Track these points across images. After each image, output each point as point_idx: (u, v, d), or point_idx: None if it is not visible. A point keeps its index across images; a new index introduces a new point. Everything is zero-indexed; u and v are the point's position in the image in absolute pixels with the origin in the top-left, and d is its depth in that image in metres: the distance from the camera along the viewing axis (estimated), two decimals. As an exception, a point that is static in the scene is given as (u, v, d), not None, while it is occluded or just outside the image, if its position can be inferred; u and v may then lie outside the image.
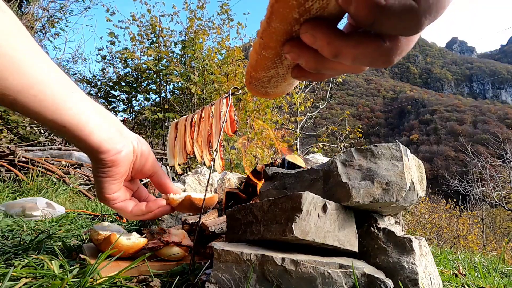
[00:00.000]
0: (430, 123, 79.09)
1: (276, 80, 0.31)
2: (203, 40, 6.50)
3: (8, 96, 0.38)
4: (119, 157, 0.49)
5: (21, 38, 0.39)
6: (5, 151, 3.53)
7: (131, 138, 0.53)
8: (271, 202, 0.68)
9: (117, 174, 0.51)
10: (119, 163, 0.50)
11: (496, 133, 16.12)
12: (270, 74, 0.30)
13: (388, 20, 0.20)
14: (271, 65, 0.28)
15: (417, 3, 0.20)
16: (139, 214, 0.58)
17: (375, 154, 0.75)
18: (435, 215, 9.37)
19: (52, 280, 0.58)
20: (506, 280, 1.07)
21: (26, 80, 0.38)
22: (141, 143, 0.55)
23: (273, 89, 0.32)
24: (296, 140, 7.75)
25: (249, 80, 0.32)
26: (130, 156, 0.53)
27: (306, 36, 0.24)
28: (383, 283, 0.57)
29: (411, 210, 8.84)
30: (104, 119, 0.49)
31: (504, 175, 12.40)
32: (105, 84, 6.95)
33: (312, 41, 0.24)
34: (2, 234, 1.08)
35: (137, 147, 0.54)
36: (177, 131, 1.17)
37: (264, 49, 0.27)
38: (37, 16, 6.16)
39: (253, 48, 0.28)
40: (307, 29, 0.23)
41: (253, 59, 0.29)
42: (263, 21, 0.24)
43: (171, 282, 0.65)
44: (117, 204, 0.55)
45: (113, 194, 0.53)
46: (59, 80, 0.43)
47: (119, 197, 0.55)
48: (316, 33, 0.23)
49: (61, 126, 0.43)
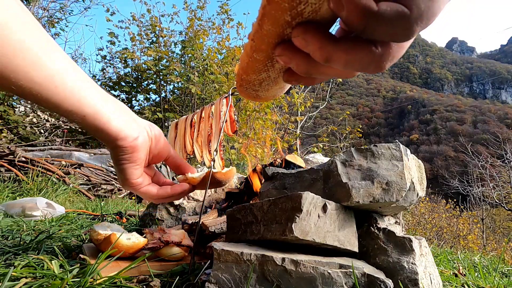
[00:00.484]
0: (430, 123, 79.10)
1: (267, 84, 0.30)
2: (203, 40, 6.51)
3: (31, 89, 0.39)
4: (137, 142, 0.51)
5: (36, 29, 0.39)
6: (5, 151, 3.53)
7: (144, 124, 0.55)
8: (271, 202, 0.68)
9: (138, 159, 0.53)
10: (138, 148, 0.51)
11: (496, 133, 16.11)
12: (261, 77, 0.29)
13: (379, 26, 0.20)
14: (262, 68, 0.28)
15: (409, 9, 0.20)
16: (164, 197, 0.60)
17: (375, 154, 0.75)
18: (435, 215, 9.37)
19: (52, 280, 0.58)
20: (506, 280, 1.07)
21: (46, 72, 0.39)
22: (153, 129, 0.57)
23: (264, 92, 0.32)
24: (296, 140, 7.75)
25: (240, 83, 0.31)
26: (147, 142, 0.54)
27: (298, 39, 0.23)
28: (383, 283, 0.57)
29: (411, 210, 8.84)
30: (119, 108, 0.50)
31: (504, 175, 12.39)
32: (105, 84, 6.95)
33: (304, 45, 0.23)
34: (2, 234, 1.08)
35: (150, 133, 0.56)
36: (177, 131, 1.17)
37: (256, 51, 0.26)
38: (37, 16, 6.15)
39: (244, 51, 0.27)
40: (299, 33, 0.23)
41: (244, 61, 0.28)
42: (255, 23, 0.24)
43: (171, 282, 0.65)
44: (142, 188, 0.57)
45: (138, 179, 0.55)
46: (75, 69, 0.44)
47: (143, 181, 0.57)
48: (308, 37, 0.23)
49: (81, 115, 0.44)
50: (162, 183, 0.64)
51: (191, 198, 1.39)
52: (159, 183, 0.64)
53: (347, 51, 0.23)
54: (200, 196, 1.41)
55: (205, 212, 1.18)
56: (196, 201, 1.39)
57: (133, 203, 3.24)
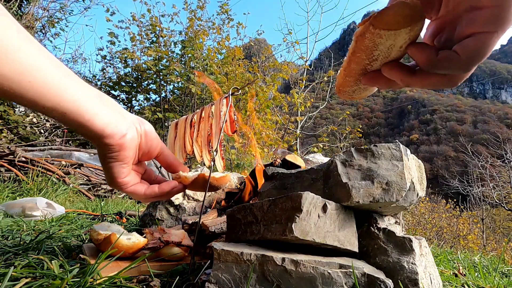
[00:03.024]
0: (430, 123, 79.05)
1: (359, 91, 0.42)
2: (203, 40, 6.51)
3: (1, 84, 0.36)
4: (125, 140, 0.48)
5: (4, 17, 0.36)
6: (5, 151, 3.53)
7: (132, 120, 0.52)
8: (271, 202, 0.68)
9: (126, 157, 0.50)
10: (126, 146, 0.49)
11: (496, 133, 16.10)
12: (353, 89, 0.41)
13: (441, 67, 0.31)
14: (353, 84, 0.40)
15: (459, 55, 0.30)
16: (152, 196, 0.57)
17: (375, 154, 0.75)
18: (435, 215, 9.37)
19: (52, 280, 0.58)
20: (506, 280, 1.07)
21: (17, 66, 0.37)
22: (143, 124, 0.54)
23: (357, 95, 0.43)
24: (296, 140, 7.74)
25: (338, 90, 0.43)
26: (136, 139, 0.52)
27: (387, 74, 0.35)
28: (383, 283, 0.57)
29: (411, 210, 8.84)
30: (105, 103, 0.47)
31: (504, 175, 12.39)
32: (105, 84, 6.95)
33: (391, 77, 0.35)
34: (2, 234, 1.08)
35: (140, 129, 0.53)
36: (177, 131, 1.17)
37: (347, 76, 0.38)
38: (37, 16, 6.15)
39: (340, 72, 0.39)
40: (385, 71, 0.35)
41: (340, 79, 0.40)
42: (345, 60, 0.36)
43: (171, 282, 0.65)
44: (129, 188, 0.54)
45: (125, 178, 0.52)
46: (52, 64, 0.41)
47: (131, 181, 0.54)
48: (391, 75, 0.35)
49: (61, 113, 0.42)
50: (153, 180, 0.61)
51: (191, 198, 1.39)
52: (150, 180, 0.61)
53: (421, 80, 0.34)
54: (200, 196, 1.41)
55: (205, 212, 1.18)
56: (196, 201, 1.39)
57: (133, 203, 3.24)
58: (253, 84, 5.82)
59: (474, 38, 0.29)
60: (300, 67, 9.10)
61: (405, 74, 0.34)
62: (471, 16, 0.29)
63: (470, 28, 0.29)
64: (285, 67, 7.27)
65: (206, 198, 1.00)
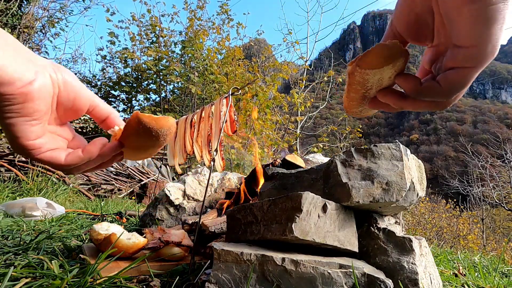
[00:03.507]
0: (430, 123, 79.07)
1: (365, 110, 0.47)
2: (203, 40, 6.51)
3: None
4: (31, 88, 0.37)
5: None
6: (5, 151, 3.53)
7: (45, 65, 0.41)
8: (271, 202, 0.68)
9: (35, 112, 0.39)
10: (33, 96, 0.38)
11: (496, 133, 16.10)
12: (359, 110, 0.46)
13: (426, 94, 0.36)
14: (358, 106, 0.45)
15: (440, 85, 0.34)
16: (77, 163, 0.45)
17: (375, 154, 0.75)
18: (435, 215, 9.37)
19: (52, 280, 0.58)
20: (506, 280, 1.07)
21: None
22: (61, 71, 0.42)
23: (364, 113, 0.48)
24: (296, 140, 7.74)
25: (347, 111, 0.48)
26: (49, 88, 0.40)
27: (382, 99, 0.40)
28: (383, 283, 0.57)
29: (411, 210, 8.84)
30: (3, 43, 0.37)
31: (504, 175, 12.39)
32: (105, 84, 6.96)
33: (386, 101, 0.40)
34: (2, 234, 1.08)
35: (55, 76, 0.41)
36: (177, 131, 1.17)
37: (350, 101, 0.44)
38: (37, 16, 6.15)
39: (344, 97, 0.45)
40: (380, 97, 0.40)
41: (345, 103, 0.45)
42: (345, 89, 0.42)
43: (171, 282, 0.65)
44: (44, 154, 0.42)
45: (36, 141, 0.40)
46: None
47: (45, 144, 0.42)
48: (386, 100, 0.40)
49: None
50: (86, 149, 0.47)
51: (191, 198, 1.39)
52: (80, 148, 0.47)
53: (412, 104, 0.38)
54: (200, 196, 1.41)
55: (205, 212, 1.18)
56: (196, 201, 1.39)
57: (133, 203, 3.24)
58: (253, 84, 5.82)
59: (455, 71, 0.33)
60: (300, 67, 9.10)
61: (398, 99, 0.39)
62: (454, 52, 0.32)
63: (452, 62, 0.33)
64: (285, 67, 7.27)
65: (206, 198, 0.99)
